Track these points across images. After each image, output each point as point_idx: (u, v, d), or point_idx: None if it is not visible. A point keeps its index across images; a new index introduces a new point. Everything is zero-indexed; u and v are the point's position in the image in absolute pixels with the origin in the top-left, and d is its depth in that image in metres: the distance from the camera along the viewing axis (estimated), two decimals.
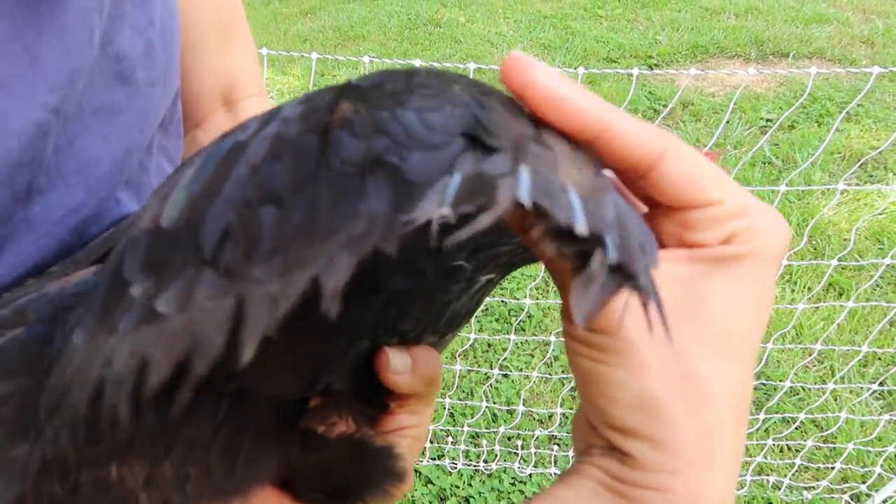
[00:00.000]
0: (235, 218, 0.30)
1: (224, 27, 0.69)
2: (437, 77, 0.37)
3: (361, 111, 0.33)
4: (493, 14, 5.60)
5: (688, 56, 4.76)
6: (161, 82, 0.50)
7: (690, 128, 3.88)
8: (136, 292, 0.31)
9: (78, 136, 0.43)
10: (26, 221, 0.41)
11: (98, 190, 0.45)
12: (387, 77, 0.37)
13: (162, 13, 0.50)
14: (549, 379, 2.42)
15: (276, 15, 5.77)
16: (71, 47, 0.40)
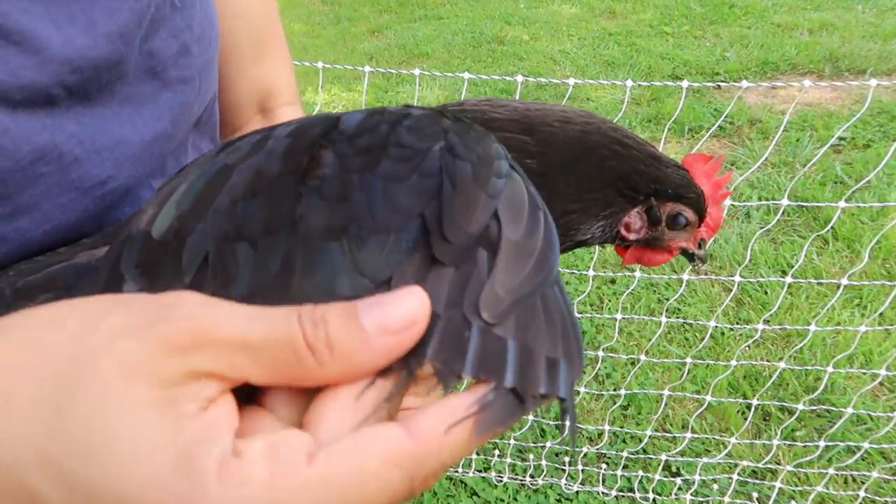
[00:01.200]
0: (214, 248, 0.35)
1: (261, 40, 0.74)
2: (420, 131, 0.40)
3: (335, 168, 0.37)
4: (558, 32, 5.61)
5: (757, 73, 4.64)
6: (196, 83, 0.54)
7: (757, 146, 3.76)
8: (130, 290, 0.35)
9: (108, 121, 0.47)
10: (59, 185, 0.45)
11: (125, 168, 0.49)
12: (371, 125, 0.40)
13: (201, 20, 0.55)
14: (600, 396, 2.38)
15: (345, 34, 5.94)
16: (122, 25, 0.45)
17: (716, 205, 0.64)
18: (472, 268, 0.33)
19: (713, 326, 1.96)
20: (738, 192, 3.40)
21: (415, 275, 0.33)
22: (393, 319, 0.29)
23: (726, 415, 2.27)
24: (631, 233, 0.62)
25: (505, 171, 0.38)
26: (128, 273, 0.36)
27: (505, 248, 0.34)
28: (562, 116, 0.57)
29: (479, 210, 0.35)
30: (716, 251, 3.02)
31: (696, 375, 2.41)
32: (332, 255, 0.34)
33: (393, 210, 0.35)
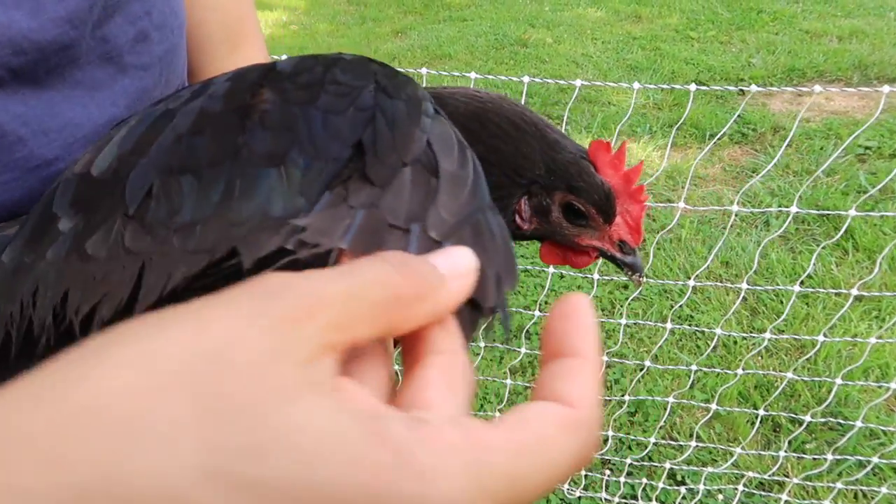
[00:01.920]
0: (158, 181, 0.36)
1: (234, 32, 0.75)
2: (353, 72, 0.42)
3: (277, 103, 0.39)
4: (581, 35, 5.58)
5: (783, 80, 4.57)
6: (156, 69, 0.55)
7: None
8: (65, 227, 0.35)
9: (58, 103, 0.48)
10: (2, 163, 0.46)
11: (75, 149, 0.50)
12: (309, 65, 0.42)
13: (162, 8, 0.55)
14: (608, 402, 2.36)
15: (369, 34, 5.97)
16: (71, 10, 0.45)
17: (632, 200, 0.58)
18: (426, 188, 0.36)
19: (721, 334, 1.93)
20: (759, 199, 3.35)
21: (367, 195, 0.35)
22: (460, 265, 0.31)
23: (735, 424, 2.23)
24: (524, 222, 0.59)
25: (431, 112, 0.40)
26: (61, 211, 0.37)
27: (444, 176, 0.36)
28: (472, 94, 0.57)
29: (415, 142, 0.38)
30: (732, 259, 2.97)
31: (706, 384, 2.38)
32: (270, 179, 0.35)
33: (332, 138, 0.38)
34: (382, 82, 0.41)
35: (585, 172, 0.57)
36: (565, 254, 0.63)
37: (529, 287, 2.90)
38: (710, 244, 3.06)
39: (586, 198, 0.57)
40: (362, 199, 0.34)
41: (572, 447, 0.28)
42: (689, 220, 3.24)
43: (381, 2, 6.76)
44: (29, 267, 0.36)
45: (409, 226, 0.33)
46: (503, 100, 0.57)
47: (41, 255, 0.35)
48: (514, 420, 0.28)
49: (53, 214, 0.37)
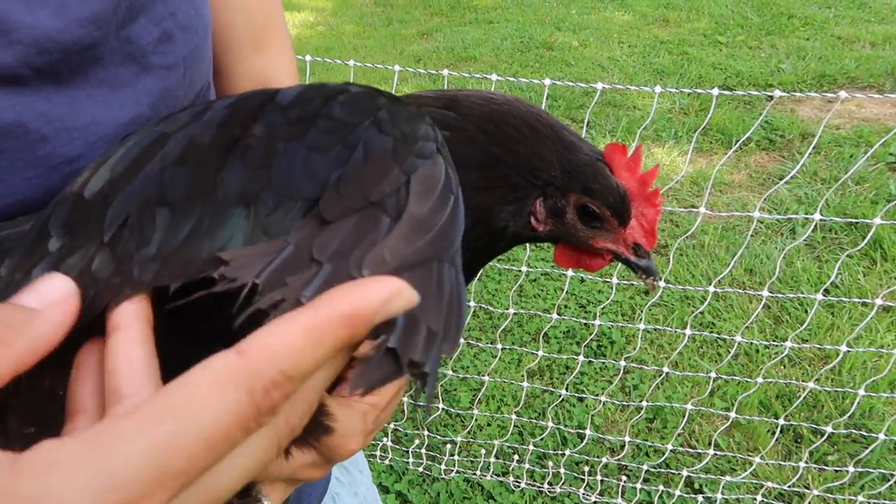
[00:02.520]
0: (136, 211, 0.36)
1: (260, 33, 0.76)
2: (353, 106, 0.41)
3: (262, 139, 0.38)
4: (608, 39, 5.55)
5: (812, 86, 4.50)
6: (179, 69, 0.56)
7: (808, 160, 3.65)
8: (53, 247, 0.37)
9: (81, 101, 0.49)
10: (25, 160, 0.47)
11: (97, 147, 0.51)
12: (309, 96, 0.41)
13: (187, 9, 0.56)
14: (626, 407, 2.34)
15: (395, 36, 6.00)
16: (95, 11, 0.46)
17: (647, 204, 0.58)
18: (371, 229, 0.34)
19: (742, 342, 1.91)
20: (785, 206, 3.30)
21: (308, 232, 0.34)
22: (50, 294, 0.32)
23: (755, 434, 2.20)
24: (539, 223, 0.58)
25: (428, 153, 0.39)
26: (53, 230, 0.38)
27: (405, 219, 0.35)
28: (488, 97, 0.56)
29: (387, 181, 0.36)
30: (756, 266, 2.94)
31: (727, 392, 2.35)
32: (237, 219, 0.35)
33: (309, 177, 0.37)
34: (381, 117, 0.40)
35: (601, 174, 0.57)
36: (579, 256, 0.62)
37: (549, 290, 2.89)
38: (733, 251, 3.02)
39: (601, 200, 0.57)
40: (302, 234, 0.34)
41: (230, 400, 0.26)
42: (712, 226, 3.20)
43: (408, 3, 6.79)
44: (16, 284, 0.37)
45: (329, 262, 0.32)
46: (519, 102, 0.57)
47: (27, 273, 0.37)
48: (168, 385, 0.27)
49: (47, 232, 0.38)
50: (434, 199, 0.36)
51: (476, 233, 0.54)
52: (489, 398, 2.41)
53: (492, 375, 2.46)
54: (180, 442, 0.25)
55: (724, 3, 6.05)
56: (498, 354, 2.50)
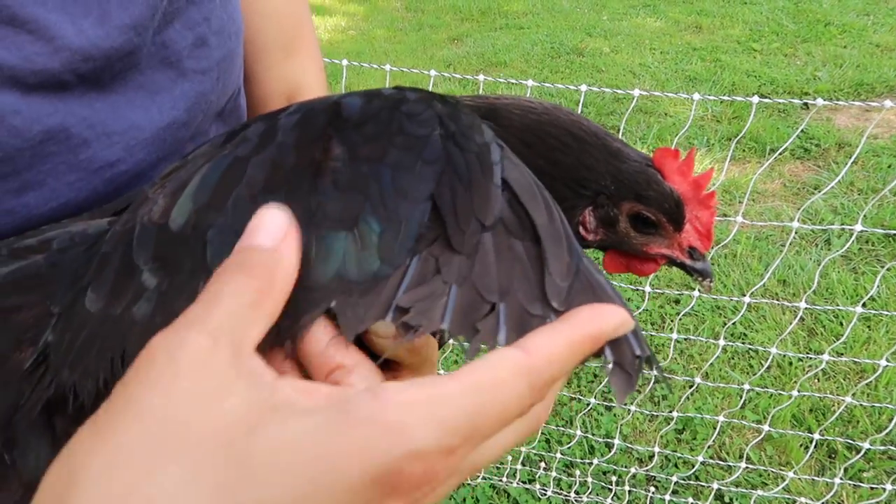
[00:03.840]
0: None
1: (289, 39, 0.77)
2: (419, 117, 0.42)
3: (346, 161, 0.40)
4: (640, 45, 5.51)
5: (850, 94, 4.42)
6: (213, 73, 0.57)
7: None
8: (150, 283, 0.38)
9: (121, 106, 0.50)
10: (67, 164, 0.49)
11: (137, 152, 0.52)
12: (373, 111, 0.43)
13: (220, 14, 0.57)
14: (655, 417, 2.31)
15: (425, 40, 6.02)
16: (135, 18, 0.47)
17: (701, 207, 0.57)
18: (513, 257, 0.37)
19: (776, 353, 1.88)
20: (820, 217, 3.24)
21: (435, 263, 0.37)
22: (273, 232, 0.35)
23: (788, 448, 2.16)
24: (589, 233, 0.58)
25: (498, 157, 0.41)
26: (145, 266, 0.39)
27: (544, 236, 0.38)
28: (526, 106, 0.55)
29: (492, 201, 0.39)
30: (790, 277, 2.89)
31: (759, 405, 2.31)
32: (343, 243, 0.37)
33: (401, 197, 0.38)
34: (449, 127, 0.42)
35: (654, 181, 0.56)
36: (629, 262, 0.61)
37: None
38: (766, 261, 2.97)
39: (657, 206, 0.56)
40: (454, 272, 0.36)
41: (521, 389, 0.32)
42: (745, 235, 3.15)
43: (439, 9, 6.81)
44: (116, 320, 0.38)
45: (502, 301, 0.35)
46: (558, 109, 0.56)
47: (128, 309, 0.38)
48: (473, 365, 0.32)
49: (136, 265, 0.39)
50: (542, 203, 0.40)
51: None
52: None
53: None
54: (488, 411, 0.31)
55: (759, 10, 5.97)
56: None
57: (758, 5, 6.10)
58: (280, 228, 0.35)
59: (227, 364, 0.30)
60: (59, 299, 0.42)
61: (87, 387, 0.39)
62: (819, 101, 1.33)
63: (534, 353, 0.32)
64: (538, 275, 0.37)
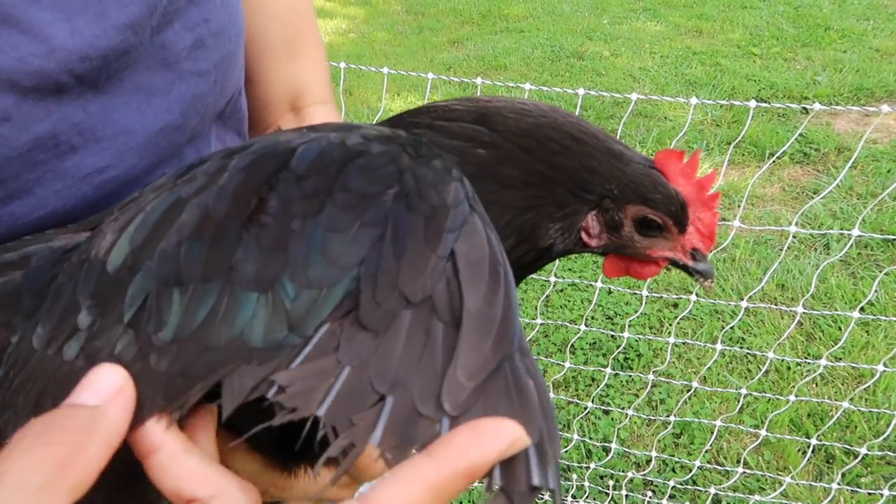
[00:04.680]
0: (154, 290, 0.36)
1: (293, 40, 0.76)
2: (372, 173, 0.38)
3: (277, 215, 0.37)
4: (640, 49, 5.51)
5: (849, 99, 4.42)
6: (211, 76, 0.56)
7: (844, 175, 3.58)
8: (84, 322, 0.37)
9: (116, 109, 0.49)
10: (54, 171, 0.48)
11: (127, 157, 0.51)
12: (323, 164, 0.39)
13: (221, 15, 0.56)
14: (653, 421, 2.31)
15: (426, 43, 6.03)
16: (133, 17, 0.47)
17: (704, 208, 0.56)
18: (425, 342, 0.32)
19: (774, 358, 1.87)
20: (819, 221, 3.24)
21: (339, 337, 0.33)
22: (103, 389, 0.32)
23: (785, 453, 2.15)
24: (592, 238, 0.56)
25: (461, 221, 0.37)
26: (83, 302, 0.38)
27: (467, 321, 0.33)
28: (520, 108, 0.53)
29: (426, 274, 0.34)
30: (788, 282, 2.88)
31: (756, 409, 2.30)
32: (254, 305, 0.34)
33: (329, 262, 0.35)
34: (407, 186, 0.38)
35: (660, 183, 0.55)
36: (629, 265, 0.60)
37: (576, 301, 2.87)
38: (765, 266, 2.97)
39: (663, 209, 0.55)
40: (352, 351, 0.32)
41: None
42: (744, 239, 3.15)
43: (439, 12, 6.82)
44: (50, 359, 0.38)
45: (391, 394, 0.30)
46: (555, 111, 0.54)
47: (60, 348, 0.37)
48: None
49: (77, 303, 0.38)
50: (486, 283, 0.34)
51: (520, 251, 0.52)
52: None
53: None
54: None
55: (759, 15, 5.97)
56: None
57: (758, 10, 6.11)
58: (113, 385, 0.32)
59: None
60: (20, 325, 0.42)
61: (8, 433, 0.37)
62: (816, 106, 1.33)
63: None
64: (446, 368, 0.31)
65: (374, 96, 4.86)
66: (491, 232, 0.37)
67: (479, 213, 0.38)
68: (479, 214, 0.38)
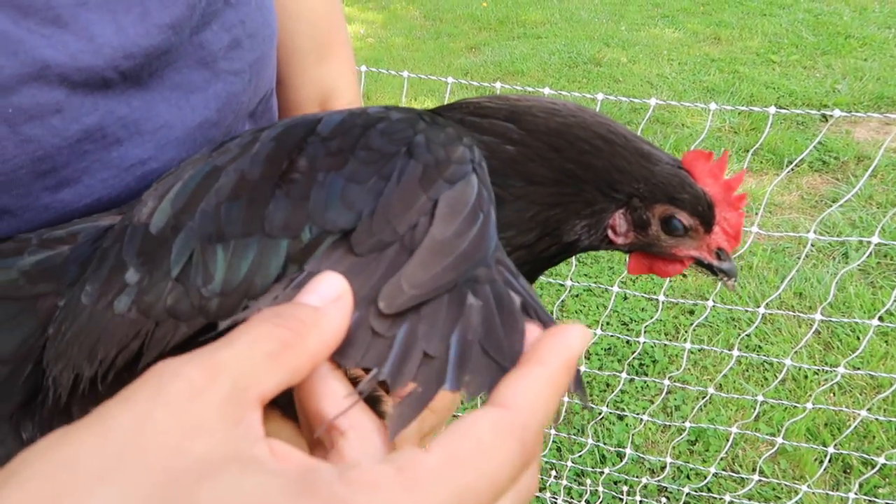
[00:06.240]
0: (199, 246, 0.40)
1: (323, 44, 0.78)
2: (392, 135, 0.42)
3: (305, 173, 0.41)
4: (657, 55, 5.51)
5: (869, 107, 4.38)
6: (246, 75, 0.59)
7: (863, 183, 3.55)
8: (132, 279, 0.40)
9: (157, 104, 0.52)
10: (101, 162, 0.51)
11: (167, 150, 0.54)
12: (348, 126, 0.43)
13: (255, 17, 0.59)
14: (668, 427, 2.30)
15: (443, 49, 6.06)
16: (174, 17, 0.49)
17: (731, 208, 0.57)
18: (399, 265, 0.35)
19: (791, 366, 1.86)
20: (838, 230, 3.22)
21: (335, 262, 0.36)
22: (324, 293, 0.34)
23: (802, 462, 2.14)
24: (618, 236, 0.57)
25: (460, 175, 0.40)
26: (130, 262, 0.41)
27: (426, 244, 0.36)
28: (549, 108, 0.54)
29: (413, 209, 0.37)
30: (806, 290, 2.86)
31: (773, 417, 2.29)
32: (284, 252, 0.38)
33: (345, 208, 0.38)
34: (416, 142, 0.41)
35: (688, 184, 0.56)
36: (653, 263, 0.61)
37: (591, 306, 2.87)
38: (783, 273, 2.95)
39: (691, 209, 0.56)
40: (327, 263, 0.36)
41: (509, 449, 0.28)
42: (761, 247, 3.14)
43: (457, 17, 6.85)
44: (101, 313, 0.40)
45: (359, 310, 0.34)
46: (583, 111, 0.55)
47: (111, 303, 0.40)
48: (450, 434, 0.29)
49: (124, 261, 0.41)
50: (460, 221, 0.37)
51: (542, 245, 0.54)
52: None
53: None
54: (475, 486, 0.28)
55: (779, 22, 5.95)
56: None
57: (777, 17, 6.09)
58: (333, 291, 0.34)
59: (217, 405, 0.28)
60: (66, 292, 0.45)
61: (64, 379, 0.41)
62: (836, 112, 1.33)
63: (516, 407, 0.30)
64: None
65: (392, 101, 4.89)
66: (487, 192, 0.40)
67: (479, 176, 0.41)
68: (479, 177, 0.41)
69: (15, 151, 0.46)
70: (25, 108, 0.45)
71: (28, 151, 0.46)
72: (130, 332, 0.39)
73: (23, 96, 0.45)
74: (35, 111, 0.45)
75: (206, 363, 0.29)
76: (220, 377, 0.28)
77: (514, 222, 0.52)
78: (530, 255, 0.53)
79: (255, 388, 0.29)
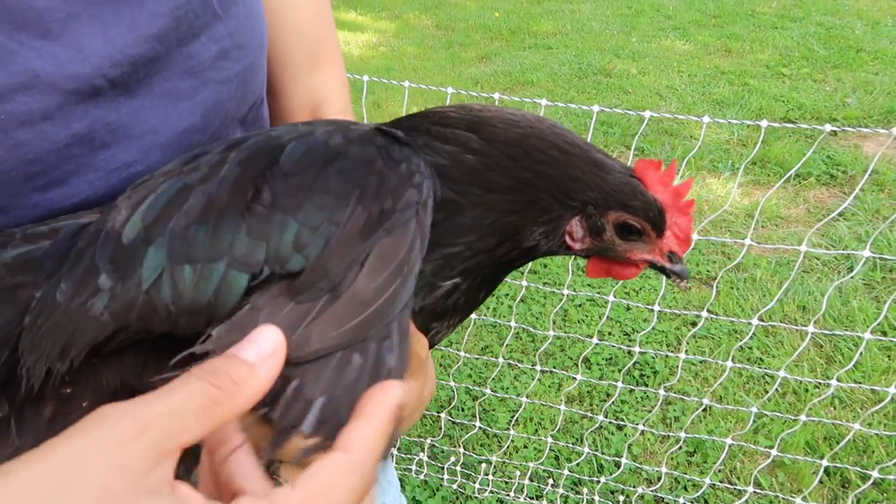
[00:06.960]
0: (168, 266, 0.44)
1: (314, 55, 0.81)
2: (347, 176, 0.46)
3: (268, 207, 0.45)
4: (667, 67, 5.52)
5: (879, 121, 4.37)
6: (233, 84, 0.61)
7: (871, 198, 3.54)
8: (105, 285, 0.44)
9: (144, 110, 0.55)
10: (88, 165, 0.54)
11: (152, 154, 0.57)
12: (306, 164, 0.47)
13: (244, 29, 0.62)
14: (666, 438, 2.31)
15: (454, 58, 6.10)
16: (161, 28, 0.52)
17: (680, 214, 0.59)
18: (311, 310, 0.41)
19: (789, 378, 1.87)
20: (844, 244, 3.21)
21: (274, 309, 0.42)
22: (262, 349, 0.39)
23: (799, 475, 2.14)
24: (575, 242, 0.60)
25: (400, 223, 0.45)
26: (103, 267, 0.45)
27: (344, 298, 0.42)
28: (508, 119, 0.57)
29: (348, 259, 0.43)
30: (810, 304, 2.86)
31: (772, 430, 2.29)
32: (245, 284, 0.43)
33: (297, 251, 0.44)
34: (369, 184, 0.46)
35: (639, 191, 0.58)
36: (610, 267, 0.64)
37: (593, 316, 2.88)
38: (787, 287, 2.95)
39: (642, 216, 0.58)
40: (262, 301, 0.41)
41: (354, 482, 0.37)
42: (765, 260, 3.14)
43: (469, 27, 6.90)
44: (75, 311, 0.45)
45: None
46: (541, 122, 0.58)
47: (85, 303, 0.44)
48: (309, 474, 0.36)
49: (97, 266, 0.45)
50: (384, 277, 0.43)
51: (502, 250, 0.56)
52: (527, 420, 2.41)
53: (531, 397, 2.46)
54: None
55: (790, 35, 5.95)
56: (538, 377, 2.50)
57: (789, 30, 6.09)
58: (270, 348, 0.39)
59: (141, 452, 0.33)
60: (43, 283, 0.48)
61: (37, 371, 0.45)
62: (828, 127, 1.34)
63: (355, 452, 0.38)
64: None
65: (401, 109, 4.93)
66: (420, 238, 0.46)
67: (419, 221, 0.46)
68: (419, 221, 0.46)
69: (6, 155, 0.49)
70: (18, 114, 0.48)
71: (19, 155, 0.49)
72: (102, 334, 0.43)
73: (16, 104, 0.48)
74: (27, 118, 0.48)
75: (141, 416, 0.34)
76: (150, 430, 0.33)
77: (474, 228, 0.54)
78: (491, 259, 0.56)
79: (177, 440, 0.34)
